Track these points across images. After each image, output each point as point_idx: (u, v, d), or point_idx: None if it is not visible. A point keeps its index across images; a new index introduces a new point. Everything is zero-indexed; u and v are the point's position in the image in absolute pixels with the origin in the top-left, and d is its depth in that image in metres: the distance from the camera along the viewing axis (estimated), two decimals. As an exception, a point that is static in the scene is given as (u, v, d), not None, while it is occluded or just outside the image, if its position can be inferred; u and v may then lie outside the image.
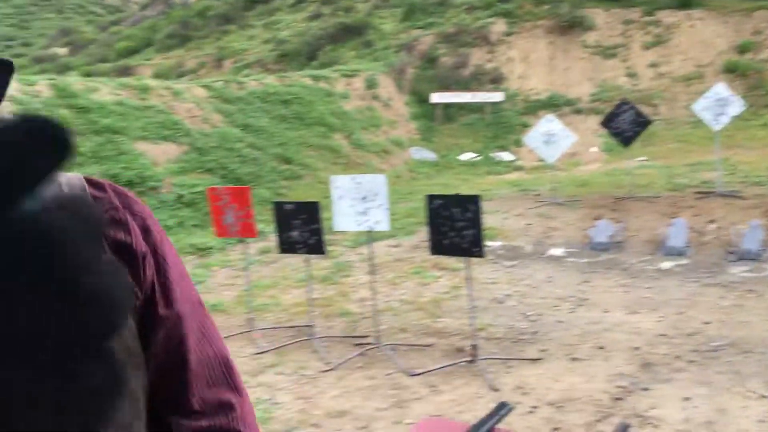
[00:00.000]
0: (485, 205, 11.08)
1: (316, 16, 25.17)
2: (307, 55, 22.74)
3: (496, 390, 4.59)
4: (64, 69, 27.65)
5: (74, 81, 12.22)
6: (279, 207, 5.61)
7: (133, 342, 0.85)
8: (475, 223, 4.73)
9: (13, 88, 10.67)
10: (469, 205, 4.73)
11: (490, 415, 2.31)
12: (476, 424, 2.23)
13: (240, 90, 15.46)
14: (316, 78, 18.04)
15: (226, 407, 0.98)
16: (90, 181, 0.93)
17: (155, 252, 0.92)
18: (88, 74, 20.71)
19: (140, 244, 0.90)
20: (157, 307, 0.91)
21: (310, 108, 16.08)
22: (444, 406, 4.42)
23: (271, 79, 17.05)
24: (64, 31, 44.46)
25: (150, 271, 0.91)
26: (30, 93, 10.79)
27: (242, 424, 0.97)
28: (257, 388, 4.78)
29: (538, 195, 11.90)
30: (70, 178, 0.93)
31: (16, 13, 61.88)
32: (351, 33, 22.98)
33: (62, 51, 36.46)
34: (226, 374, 0.99)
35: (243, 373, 4.51)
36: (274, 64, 22.86)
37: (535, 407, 4.32)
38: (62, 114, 10.63)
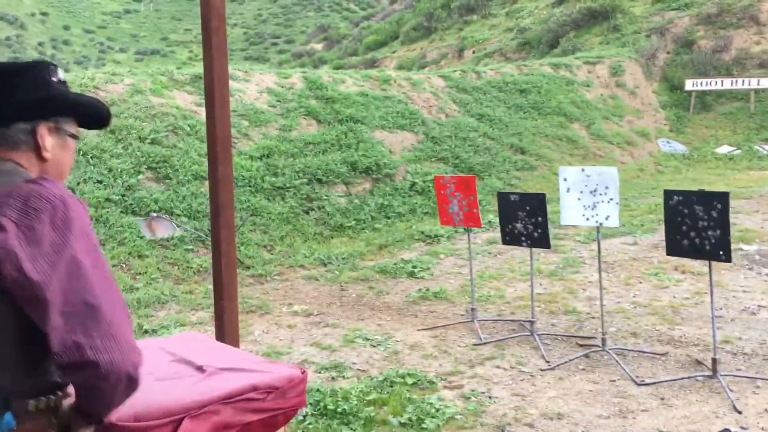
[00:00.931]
0: (742, 204, 9.96)
1: (559, 2, 24.38)
2: (549, 42, 22.10)
3: (738, 412, 4.06)
4: (319, 63, 29.85)
5: (323, 74, 13.08)
6: (503, 197, 5.48)
7: None
8: (722, 223, 4.20)
9: (272, 81, 11.68)
10: (716, 202, 4.21)
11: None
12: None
13: (477, 80, 15.47)
14: (556, 66, 17.48)
15: (78, 347, 1.42)
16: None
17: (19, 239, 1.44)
18: (338, 67, 22.14)
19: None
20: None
21: (548, 97, 15.62)
22: (674, 422, 4.00)
23: (509, 68, 16.84)
24: (322, 27, 48.04)
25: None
26: (285, 85, 11.75)
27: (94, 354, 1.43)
28: (473, 379, 4.72)
29: (809, 194, 10.43)
30: None
31: (282, 13, 68.21)
32: (597, 18, 21.88)
33: (318, 46, 39.40)
34: (86, 320, 1.44)
35: (460, 363, 4.48)
36: (514, 52, 22.58)
37: (786, 438, 3.74)
38: (311, 104, 11.43)
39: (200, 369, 2.46)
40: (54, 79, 1.74)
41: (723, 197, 4.18)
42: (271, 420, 2.35)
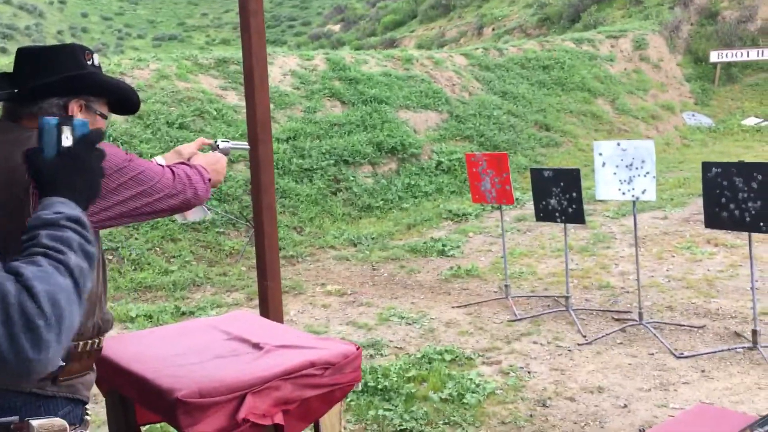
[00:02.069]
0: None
1: (580, -24, 24.01)
2: (570, 17, 21.84)
3: (781, 383, 4.05)
4: (338, 44, 29.74)
5: (346, 54, 13.05)
6: (537, 174, 5.47)
7: None
8: (763, 194, 4.17)
9: (295, 63, 11.68)
10: (756, 173, 4.18)
11: (778, 412, 2.02)
12: (763, 418, 1.96)
13: (499, 57, 15.36)
14: (578, 41, 17.29)
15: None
16: None
17: None
18: (358, 48, 22.04)
19: None
20: None
21: (571, 73, 15.47)
22: (716, 393, 4.01)
23: (531, 45, 16.69)
24: (338, 8, 47.73)
25: None
26: (307, 67, 11.75)
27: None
28: (511, 355, 4.76)
29: (842, 164, 10.27)
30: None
31: (298, -5, 67.83)
32: (618, -9, 21.56)
33: (336, 28, 39.22)
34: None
35: (497, 339, 4.49)
36: (534, 28, 22.34)
37: (831, 408, 3.74)
38: (335, 86, 11.43)
39: (257, 346, 2.51)
40: (89, 62, 1.87)
41: (764, 168, 4.15)
42: (328, 395, 2.40)
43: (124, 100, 1.96)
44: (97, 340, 1.80)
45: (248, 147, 2.72)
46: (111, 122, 8.52)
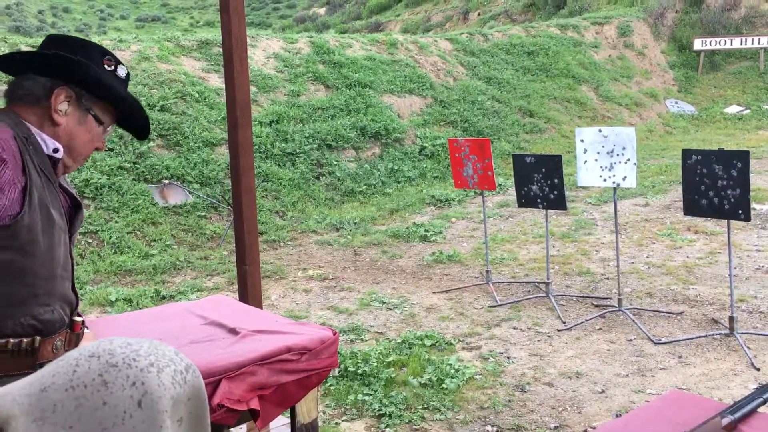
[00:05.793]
0: (753, 164, 9.91)
1: (566, -38, 23.97)
2: (555, 3, 21.81)
3: (757, 369, 4.10)
4: (323, 28, 29.52)
5: (330, 38, 12.95)
6: (519, 159, 5.46)
7: None
8: (741, 182, 4.19)
9: (278, 46, 11.57)
10: (735, 161, 4.19)
11: (751, 397, 2.03)
12: (733, 405, 1.97)
13: (484, 42, 15.31)
14: (563, 27, 17.27)
15: None
16: None
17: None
18: (343, 32, 21.89)
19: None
20: None
21: (556, 59, 15.47)
22: (693, 379, 4.05)
23: (516, 30, 16.66)
24: (324, -8, 47.30)
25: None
26: (292, 50, 11.65)
27: None
28: (490, 340, 4.77)
29: (821, 153, 10.38)
30: None
31: (283, -22, 67.09)
32: (604, -23, 21.53)
33: (321, 11, 38.91)
34: None
35: (477, 325, 4.49)
36: (520, 14, 22.30)
37: (804, 394, 3.77)
38: (318, 69, 11.34)
39: (233, 331, 2.49)
40: (108, 67, 1.76)
41: (743, 156, 4.17)
42: (305, 380, 2.39)
43: (126, 112, 1.81)
44: (29, 340, 1.66)
45: None
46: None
